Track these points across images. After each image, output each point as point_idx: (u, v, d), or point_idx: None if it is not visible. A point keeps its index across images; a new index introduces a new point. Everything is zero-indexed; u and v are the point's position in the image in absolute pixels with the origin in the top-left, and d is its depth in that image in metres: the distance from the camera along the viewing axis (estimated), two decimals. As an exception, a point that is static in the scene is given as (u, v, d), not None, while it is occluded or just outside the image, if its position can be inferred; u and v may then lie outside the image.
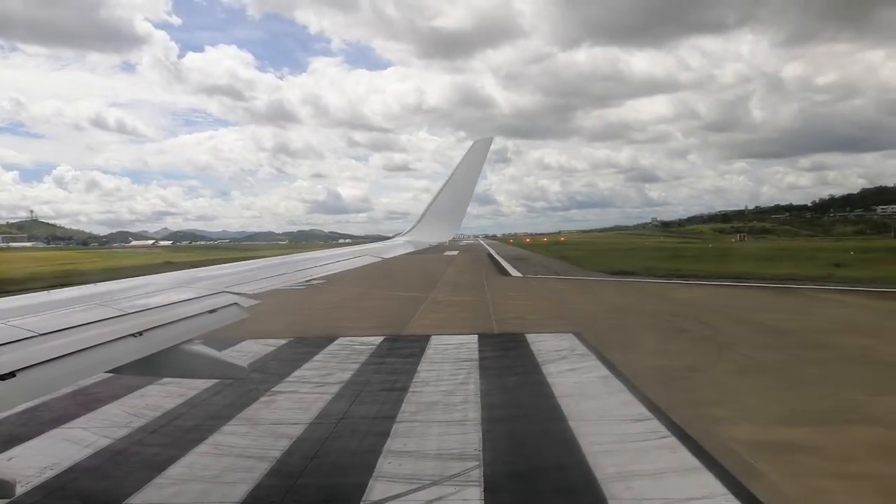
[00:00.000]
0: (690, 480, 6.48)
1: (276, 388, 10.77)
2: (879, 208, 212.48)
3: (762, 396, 9.60)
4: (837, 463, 6.84)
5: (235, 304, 4.45)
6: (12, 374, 2.53)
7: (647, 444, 7.61)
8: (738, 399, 9.50)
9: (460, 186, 9.36)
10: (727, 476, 6.47)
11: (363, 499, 6.21)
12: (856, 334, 14.92)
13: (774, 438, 7.71)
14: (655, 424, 8.32)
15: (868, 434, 7.81)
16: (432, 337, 15.72)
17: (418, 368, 12.26)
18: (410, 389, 10.63)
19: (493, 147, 9.78)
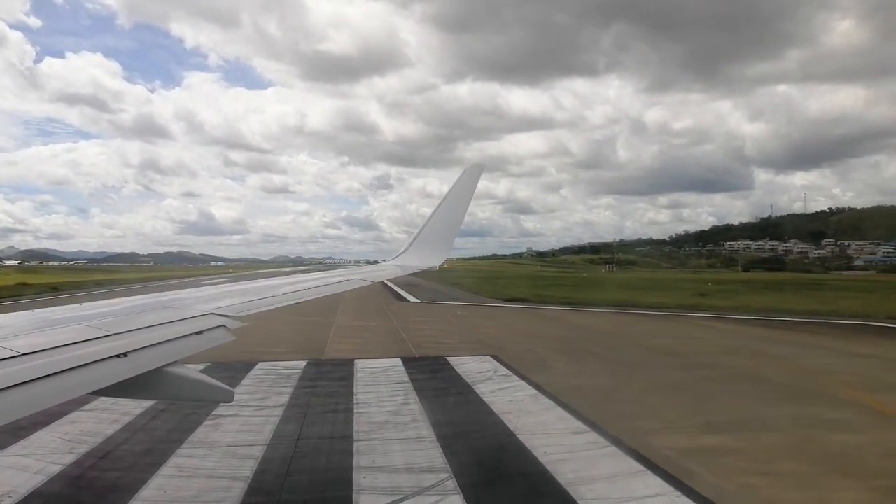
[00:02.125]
0: (640, 482, 7.30)
1: (215, 413, 10.50)
2: (727, 244, 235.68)
3: (679, 410, 10.82)
4: (757, 463, 8.00)
5: (223, 326, 4.41)
6: None
7: (594, 453, 8.40)
8: (658, 413, 10.61)
9: (450, 212, 9.72)
10: (669, 477, 7.37)
11: None
12: (738, 356, 16.91)
13: (699, 445, 8.79)
14: (595, 436, 9.15)
15: (774, 438, 9.12)
16: (356, 361, 15.84)
17: (354, 391, 12.43)
18: (355, 411, 10.81)
19: (374, 173, 10.29)
